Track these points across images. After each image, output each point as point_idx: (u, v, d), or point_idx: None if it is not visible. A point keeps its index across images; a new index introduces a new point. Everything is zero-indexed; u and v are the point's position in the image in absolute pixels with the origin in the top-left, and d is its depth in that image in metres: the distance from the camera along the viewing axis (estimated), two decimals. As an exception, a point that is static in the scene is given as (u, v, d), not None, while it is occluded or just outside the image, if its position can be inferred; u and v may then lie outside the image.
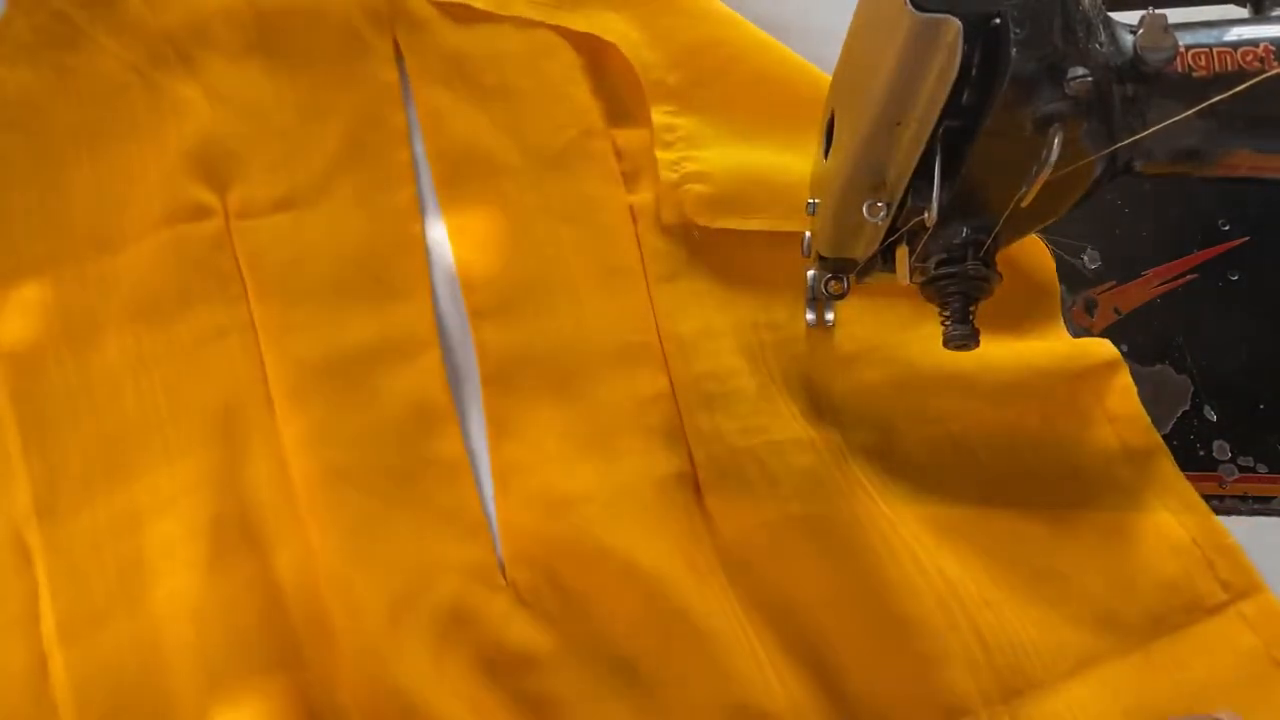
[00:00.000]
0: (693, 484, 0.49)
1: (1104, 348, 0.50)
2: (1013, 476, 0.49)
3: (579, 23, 0.55)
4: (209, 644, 0.46)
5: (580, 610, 0.48)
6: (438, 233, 0.54)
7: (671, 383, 0.50)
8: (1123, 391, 0.50)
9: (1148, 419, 0.49)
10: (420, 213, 0.54)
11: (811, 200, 0.45)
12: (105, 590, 0.47)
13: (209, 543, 0.47)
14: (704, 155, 0.52)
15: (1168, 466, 0.49)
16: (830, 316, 0.51)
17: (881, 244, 0.41)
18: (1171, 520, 0.48)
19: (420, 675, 0.45)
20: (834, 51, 0.40)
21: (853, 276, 0.47)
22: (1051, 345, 0.50)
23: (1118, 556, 0.48)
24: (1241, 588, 0.47)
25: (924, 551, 0.47)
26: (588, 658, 0.47)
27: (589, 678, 0.47)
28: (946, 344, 0.39)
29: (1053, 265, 0.52)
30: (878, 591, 0.46)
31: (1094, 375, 0.50)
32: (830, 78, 0.42)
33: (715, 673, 0.46)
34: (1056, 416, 0.50)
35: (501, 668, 0.47)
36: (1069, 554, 0.48)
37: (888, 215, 0.38)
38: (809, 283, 0.50)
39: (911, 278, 0.40)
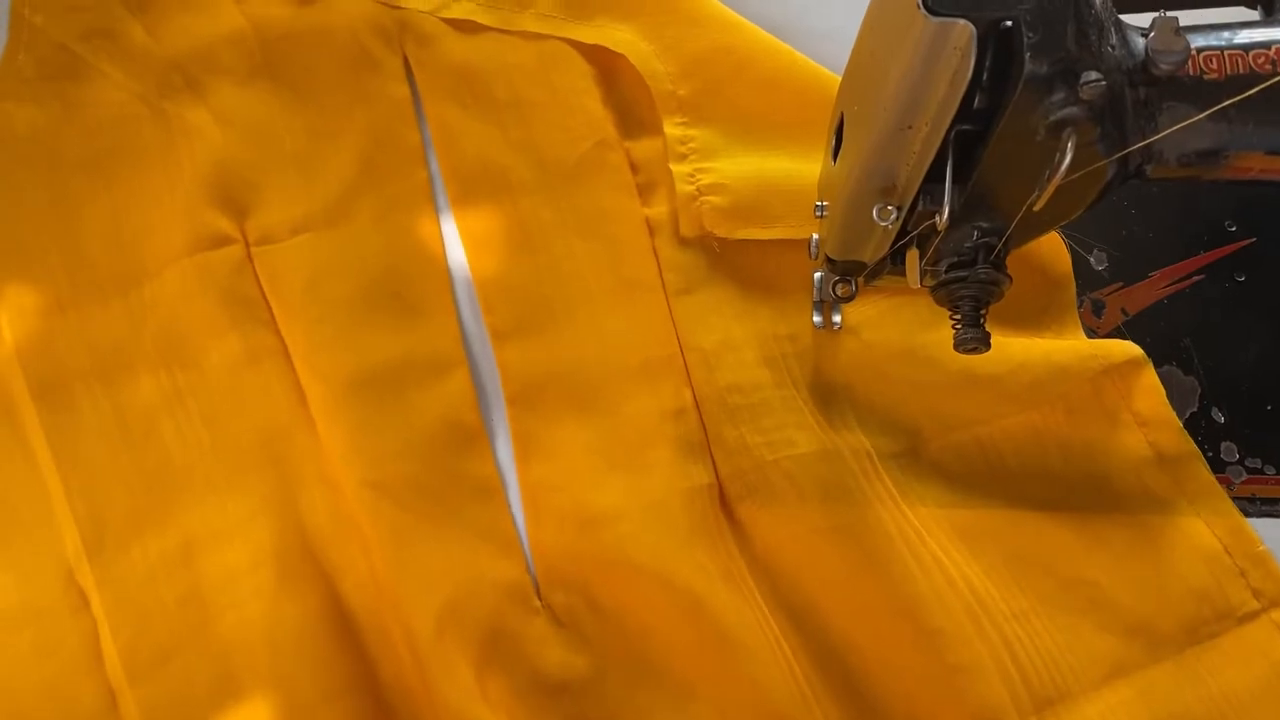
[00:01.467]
0: (720, 497, 0.49)
1: (1126, 346, 0.49)
2: (1042, 482, 0.49)
3: (587, 35, 0.55)
4: (286, 671, 0.45)
5: (617, 630, 0.47)
6: (457, 251, 0.54)
7: (695, 396, 0.50)
8: (1150, 391, 0.49)
9: (1179, 422, 0.49)
10: (439, 230, 0.54)
11: (820, 203, 0.45)
12: (166, 625, 0.47)
13: (274, 570, 0.47)
14: (718, 166, 0.52)
15: (1201, 472, 0.49)
16: (838, 319, 0.51)
17: (891, 247, 0.41)
18: (1203, 528, 0.48)
19: (467, 692, 0.45)
20: (834, 51, 0.40)
21: (861, 279, 0.47)
22: (1074, 344, 0.50)
23: (1149, 565, 0.47)
24: (1274, 596, 0.47)
25: (951, 562, 0.47)
26: (625, 678, 0.47)
27: (627, 698, 0.47)
28: (957, 347, 0.39)
29: (1068, 258, 0.51)
30: (906, 604, 0.45)
31: (1118, 374, 0.49)
32: (838, 79, 0.42)
33: (752, 688, 0.45)
34: (1084, 419, 0.49)
35: (541, 692, 0.46)
36: (1099, 562, 0.47)
37: (898, 219, 0.38)
38: (816, 285, 0.50)
39: (922, 281, 0.40)
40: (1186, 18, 0.35)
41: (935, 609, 0.45)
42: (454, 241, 0.54)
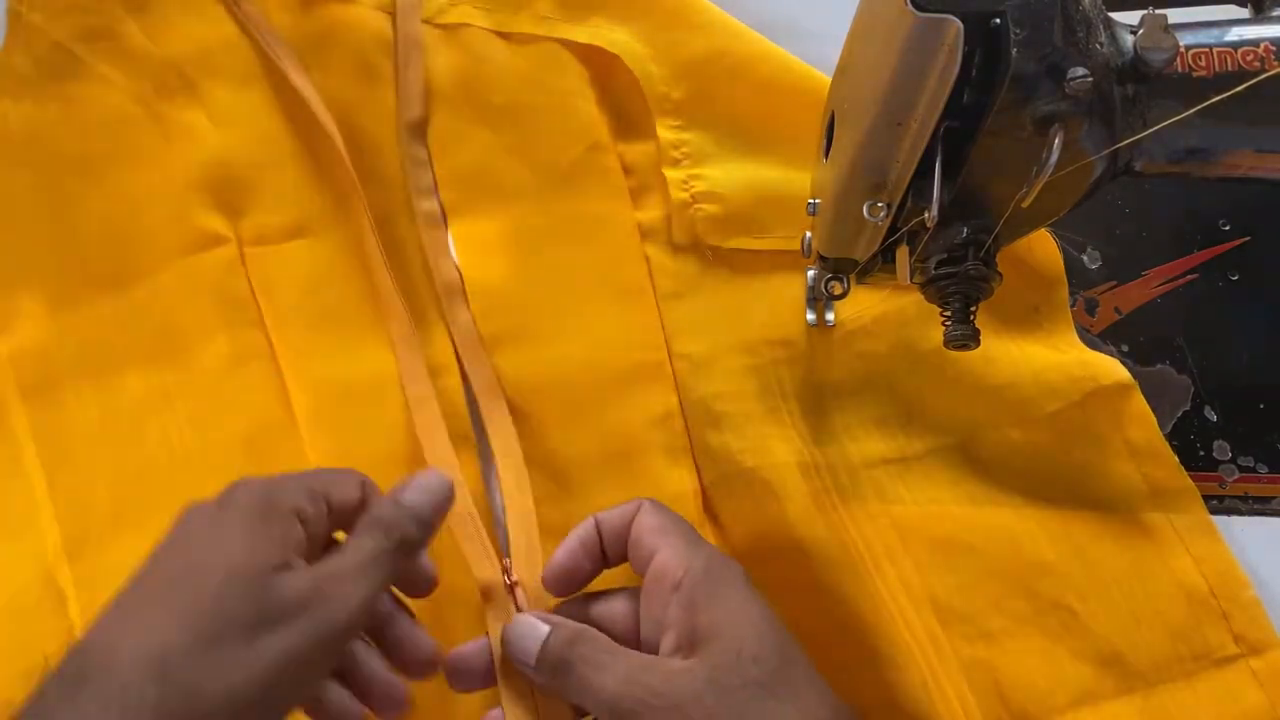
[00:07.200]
0: (704, 502, 0.49)
1: (1114, 367, 0.49)
2: (1028, 502, 0.49)
3: (582, 36, 0.54)
4: None
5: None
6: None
7: (681, 401, 0.50)
8: (1141, 420, 0.49)
9: (1174, 456, 0.48)
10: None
11: (812, 200, 0.45)
12: None
13: None
14: (712, 173, 0.52)
15: (1195, 509, 0.48)
16: (831, 317, 0.51)
17: (882, 244, 0.41)
18: (1191, 566, 0.47)
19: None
20: (832, 52, 0.40)
21: (853, 276, 0.47)
22: (1062, 360, 0.49)
23: (1129, 597, 0.47)
24: (1256, 643, 0.46)
25: (922, 581, 0.47)
26: None
27: None
28: (947, 344, 0.39)
29: (1060, 257, 0.51)
30: (861, 621, 0.46)
31: (1107, 397, 0.48)
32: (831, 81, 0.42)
33: None
34: (1074, 442, 0.49)
35: None
36: (1078, 587, 0.47)
37: (888, 215, 0.38)
38: (809, 282, 0.50)
39: (912, 278, 0.40)
40: (1175, 15, 0.35)
41: (897, 628, 0.46)
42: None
